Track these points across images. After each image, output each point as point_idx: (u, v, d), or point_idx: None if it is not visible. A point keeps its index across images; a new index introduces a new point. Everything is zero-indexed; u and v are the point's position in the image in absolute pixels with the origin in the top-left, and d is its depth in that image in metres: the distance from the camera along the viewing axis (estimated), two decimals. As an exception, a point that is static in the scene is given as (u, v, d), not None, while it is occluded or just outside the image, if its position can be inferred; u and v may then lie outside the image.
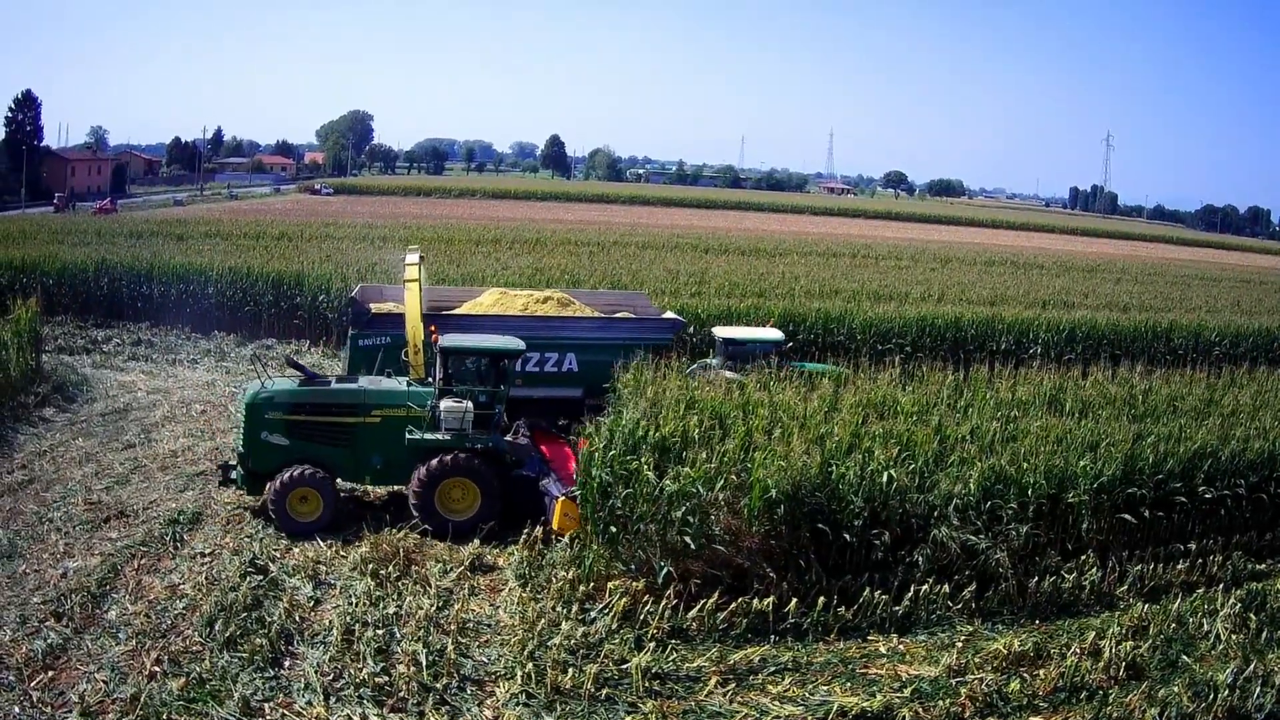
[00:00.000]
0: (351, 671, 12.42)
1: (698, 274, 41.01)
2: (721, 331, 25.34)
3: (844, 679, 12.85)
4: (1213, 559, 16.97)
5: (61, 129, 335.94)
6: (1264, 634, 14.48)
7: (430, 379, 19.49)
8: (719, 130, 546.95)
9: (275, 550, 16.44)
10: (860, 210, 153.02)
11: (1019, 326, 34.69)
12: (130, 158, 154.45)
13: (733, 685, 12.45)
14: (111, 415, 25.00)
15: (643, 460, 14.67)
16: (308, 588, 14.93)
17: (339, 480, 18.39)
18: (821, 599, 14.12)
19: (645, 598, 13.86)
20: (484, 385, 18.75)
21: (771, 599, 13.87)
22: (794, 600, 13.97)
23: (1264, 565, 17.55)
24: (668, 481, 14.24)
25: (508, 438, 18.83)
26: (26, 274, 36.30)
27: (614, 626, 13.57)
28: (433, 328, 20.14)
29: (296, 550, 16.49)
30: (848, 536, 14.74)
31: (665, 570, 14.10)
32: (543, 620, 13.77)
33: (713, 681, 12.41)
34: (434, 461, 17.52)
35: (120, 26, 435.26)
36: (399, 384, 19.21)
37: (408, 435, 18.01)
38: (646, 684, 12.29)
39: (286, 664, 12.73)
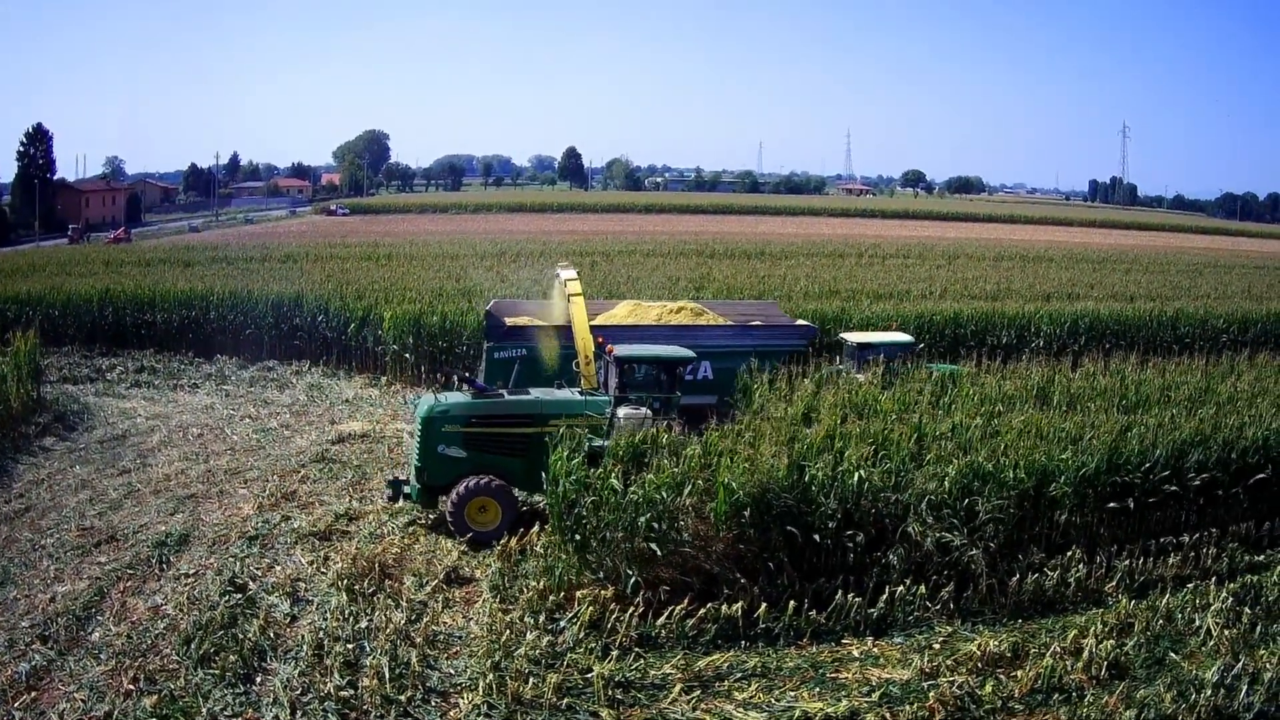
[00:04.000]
0: (319, 686, 12.43)
1: (697, 280, 41.01)
2: (853, 337, 25.73)
3: (813, 684, 12.62)
4: (1206, 551, 16.51)
5: (79, 161, 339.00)
6: (1257, 628, 14.00)
7: (598, 388, 20.10)
8: (737, 135, 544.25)
9: (257, 569, 16.47)
10: (877, 210, 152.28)
11: (1020, 320, 34.37)
12: (146, 186, 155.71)
13: (697, 692, 12.29)
14: (110, 442, 25.22)
15: (608, 468, 14.60)
16: (285, 604, 14.95)
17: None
18: (793, 603, 13.90)
19: (613, 606, 13.74)
20: (653, 392, 19.37)
21: (740, 604, 13.68)
22: (764, 605, 13.77)
23: (1262, 556, 16.98)
24: (632, 489, 14.15)
25: None
26: (32, 307, 36.90)
27: (581, 636, 13.47)
28: (599, 339, 21.01)
29: (278, 568, 16.52)
30: (818, 539, 14.54)
31: (633, 579, 13.99)
32: (509, 631, 13.70)
33: (676, 689, 12.27)
34: None
35: (134, 56, 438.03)
36: (572, 394, 19.44)
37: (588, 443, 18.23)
38: (610, 693, 12.18)
39: (258, 680, 12.79)
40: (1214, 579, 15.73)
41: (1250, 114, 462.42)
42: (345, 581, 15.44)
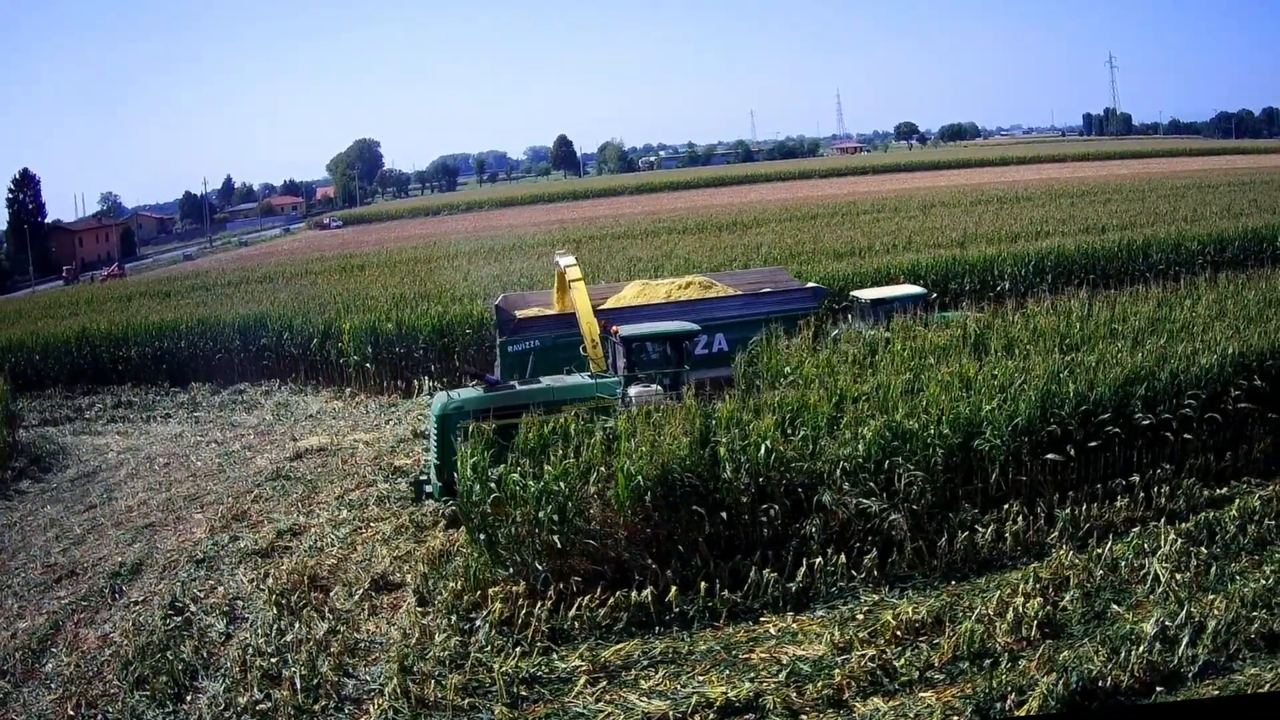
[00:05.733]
0: (240, 701, 12.62)
1: (658, 259, 40.72)
2: (866, 294, 25.67)
3: (723, 667, 12.30)
4: (1159, 491, 15.61)
5: (77, 200, 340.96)
6: (1212, 570, 13.30)
7: (608, 371, 20.44)
8: (728, 106, 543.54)
9: (200, 591, 16.65)
10: (868, 167, 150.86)
11: (983, 264, 33.87)
12: (141, 219, 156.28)
13: (603, 683, 12.15)
14: (80, 479, 25.45)
15: (513, 460, 14.56)
16: (220, 624, 15.16)
17: None
18: (704, 584, 13.62)
19: (524, 602, 13.61)
20: (664, 369, 19.78)
21: (650, 590, 13.46)
22: (674, 589, 13.51)
23: (1224, 490, 16.17)
24: (530, 481, 14.06)
25: None
26: (13, 353, 37.38)
27: (492, 634, 13.38)
28: (603, 321, 21.35)
29: (219, 589, 16.67)
30: (727, 516, 14.29)
31: (542, 572, 13.92)
32: (419, 633, 13.73)
33: (581, 681, 12.15)
34: None
35: (120, 91, 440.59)
36: (583, 378, 19.63)
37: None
38: (515, 689, 12.12)
39: (188, 699, 13.09)
40: (1164, 519, 14.98)
41: (1241, 30, 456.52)
42: (276, 596, 15.56)
